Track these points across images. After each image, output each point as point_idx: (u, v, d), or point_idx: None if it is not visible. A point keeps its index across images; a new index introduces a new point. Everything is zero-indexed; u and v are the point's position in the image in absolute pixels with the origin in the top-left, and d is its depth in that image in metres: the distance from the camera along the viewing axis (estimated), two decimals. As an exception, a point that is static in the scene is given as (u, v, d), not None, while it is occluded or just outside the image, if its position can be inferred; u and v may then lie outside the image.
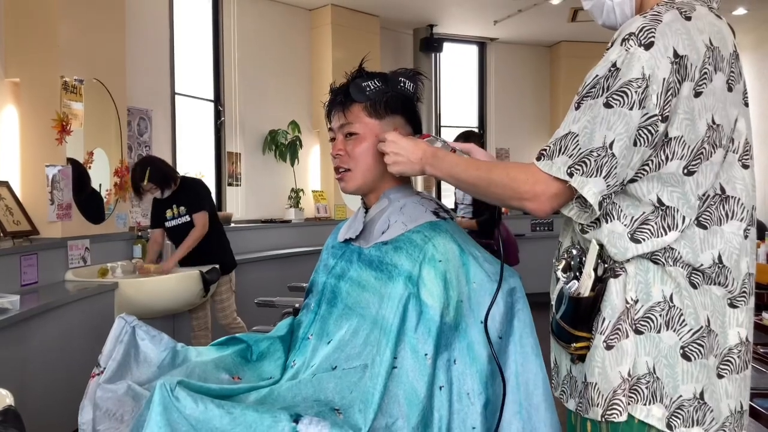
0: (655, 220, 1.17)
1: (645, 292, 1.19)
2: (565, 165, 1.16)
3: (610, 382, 1.19)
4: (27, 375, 2.87)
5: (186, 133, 5.37)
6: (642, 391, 1.18)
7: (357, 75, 1.55)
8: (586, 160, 1.14)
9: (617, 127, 1.12)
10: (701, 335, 1.18)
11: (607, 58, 1.16)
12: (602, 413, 1.20)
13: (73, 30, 3.73)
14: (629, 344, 1.19)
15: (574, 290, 1.21)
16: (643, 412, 1.18)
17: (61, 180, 3.60)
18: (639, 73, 1.11)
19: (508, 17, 6.92)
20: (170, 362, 1.53)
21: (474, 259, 1.47)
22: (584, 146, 1.14)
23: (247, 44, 5.88)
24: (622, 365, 1.18)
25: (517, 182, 1.22)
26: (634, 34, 1.14)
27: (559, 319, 1.25)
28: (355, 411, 1.32)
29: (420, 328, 1.37)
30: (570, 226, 1.33)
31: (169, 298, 3.82)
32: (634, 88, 1.11)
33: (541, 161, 1.20)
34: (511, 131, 8.08)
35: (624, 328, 1.19)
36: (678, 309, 1.18)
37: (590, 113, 1.15)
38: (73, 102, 3.69)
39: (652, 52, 1.12)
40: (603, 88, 1.14)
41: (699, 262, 1.18)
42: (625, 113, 1.12)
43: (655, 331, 1.18)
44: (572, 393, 1.29)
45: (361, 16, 6.70)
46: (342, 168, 1.56)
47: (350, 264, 1.55)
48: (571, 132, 1.16)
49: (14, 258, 3.22)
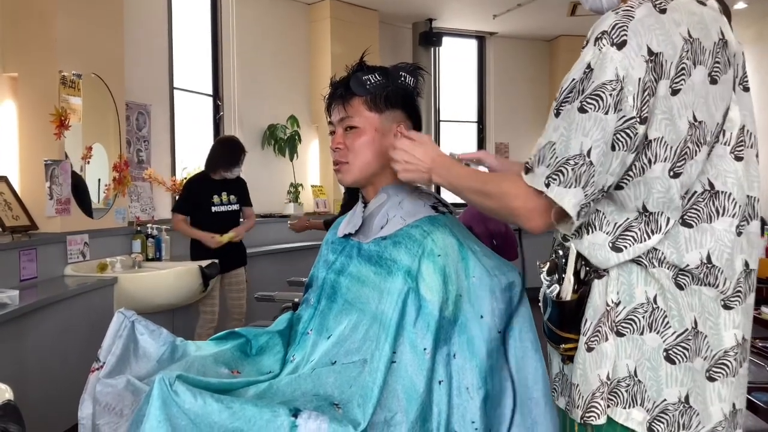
0: (638, 226, 1.14)
1: (628, 293, 1.16)
2: (543, 176, 1.12)
3: (590, 385, 1.17)
4: (26, 370, 2.87)
5: (185, 127, 5.36)
6: (621, 394, 1.16)
7: (358, 68, 1.55)
8: (562, 169, 1.10)
9: (593, 133, 1.07)
10: (686, 338, 1.14)
11: (582, 60, 1.11)
12: (581, 415, 1.18)
13: (72, 24, 3.72)
14: (609, 347, 1.16)
15: (555, 294, 1.19)
16: (622, 416, 1.16)
17: (59, 175, 3.60)
18: (612, 74, 1.06)
19: (507, 11, 6.90)
20: (169, 357, 1.53)
21: (473, 253, 1.47)
22: (561, 154, 1.10)
23: (245, 39, 5.86)
24: (602, 368, 1.16)
25: (509, 197, 1.19)
26: (606, 32, 1.08)
27: (546, 321, 1.24)
28: (354, 405, 1.32)
29: (419, 322, 1.38)
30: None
31: (168, 292, 3.83)
32: (609, 90, 1.06)
33: (527, 174, 1.16)
34: (510, 126, 8.07)
35: (603, 330, 1.16)
36: (662, 311, 1.14)
37: (567, 119, 1.10)
38: (71, 97, 3.68)
39: (625, 52, 1.06)
40: (579, 91, 1.10)
41: (684, 262, 1.13)
42: (600, 118, 1.07)
43: (638, 333, 1.15)
44: (563, 391, 1.28)
45: (360, 10, 6.68)
46: (340, 161, 1.56)
47: (350, 259, 1.55)
48: (550, 141, 1.13)
49: (13, 253, 3.22)
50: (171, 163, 5.09)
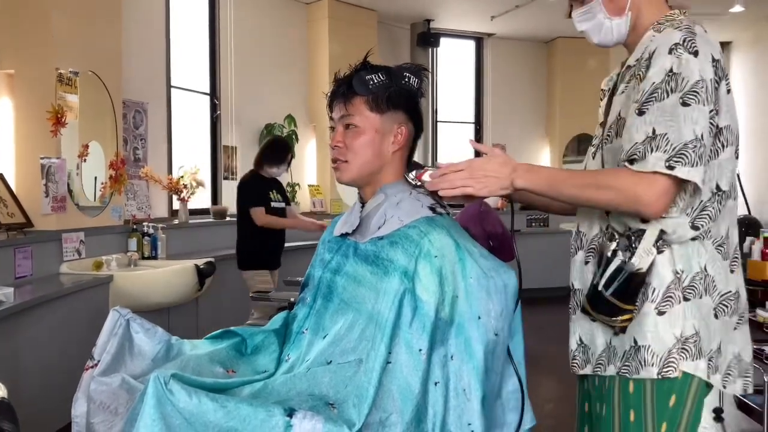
0: (712, 205, 1.36)
1: (687, 263, 1.37)
2: (661, 160, 1.28)
3: (665, 344, 1.36)
4: (21, 368, 2.87)
5: (182, 126, 5.36)
6: (690, 349, 1.36)
7: (361, 67, 1.55)
8: (684, 152, 1.27)
9: (700, 121, 1.28)
10: (728, 297, 1.40)
11: (660, 67, 1.31)
12: (658, 371, 1.36)
13: (69, 22, 3.71)
14: (680, 309, 1.36)
15: (637, 265, 1.33)
16: (691, 367, 1.36)
17: (55, 172, 3.59)
18: (698, 75, 1.29)
19: (505, 12, 6.91)
20: (164, 355, 1.53)
21: (470, 254, 1.47)
22: (676, 141, 1.27)
23: (243, 37, 5.86)
24: (675, 328, 1.36)
25: (629, 185, 1.31)
26: (679, 44, 1.31)
27: (609, 295, 1.36)
28: (350, 405, 1.32)
29: (415, 323, 1.37)
30: (594, 214, 1.46)
31: (164, 291, 3.82)
32: (700, 87, 1.28)
33: (635, 164, 1.30)
34: (508, 127, 8.08)
35: (677, 295, 1.36)
36: (711, 276, 1.38)
37: (665, 114, 1.29)
38: (68, 94, 3.68)
39: (700, 58, 1.30)
40: (666, 91, 1.29)
41: (720, 234, 1.39)
42: (701, 109, 1.28)
43: (698, 297, 1.37)
44: (611, 360, 1.43)
45: (358, 10, 6.68)
46: (339, 159, 1.56)
47: (346, 259, 1.55)
48: (651, 134, 1.29)
49: (8, 250, 3.21)
50: (167, 161, 5.09)
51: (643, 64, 1.37)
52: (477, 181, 1.40)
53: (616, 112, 1.44)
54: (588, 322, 1.47)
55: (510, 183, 1.40)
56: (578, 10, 1.54)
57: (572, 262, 1.53)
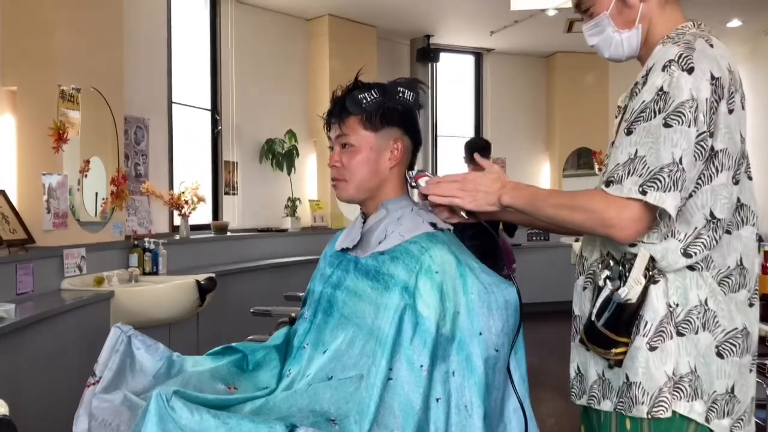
0: (707, 233, 1.29)
1: (683, 296, 1.30)
2: (636, 185, 1.23)
3: (656, 381, 1.28)
4: (22, 384, 2.86)
5: (183, 141, 5.37)
6: (685, 389, 1.29)
7: (353, 87, 1.56)
8: (659, 177, 1.21)
9: (681, 143, 1.21)
10: (735, 335, 1.30)
11: (652, 84, 1.26)
12: (648, 410, 1.28)
13: (71, 39, 3.73)
14: (672, 345, 1.29)
15: (624, 296, 1.27)
16: (686, 408, 1.29)
17: (57, 188, 3.60)
18: (688, 95, 1.22)
19: (504, 28, 6.94)
20: (166, 372, 1.53)
21: (471, 270, 1.47)
22: (653, 165, 1.22)
23: (244, 53, 5.89)
24: (667, 365, 1.28)
25: (601, 209, 1.27)
26: (674, 60, 1.25)
27: (601, 326, 1.31)
28: (351, 422, 1.32)
29: (416, 339, 1.37)
30: (597, 239, 1.40)
31: (165, 306, 3.81)
32: (687, 107, 1.21)
33: (611, 187, 1.26)
34: (508, 141, 8.09)
35: (669, 330, 1.29)
36: (713, 311, 1.30)
37: (650, 135, 1.23)
38: (70, 110, 3.69)
39: (694, 76, 1.23)
40: (654, 111, 1.24)
41: (726, 264, 1.31)
42: (684, 131, 1.21)
43: (693, 333, 1.29)
44: (607, 395, 1.36)
45: (358, 26, 6.72)
46: (338, 178, 1.57)
47: (347, 273, 1.55)
48: (633, 155, 1.24)
49: (10, 267, 3.21)
50: (169, 176, 5.10)
51: (641, 80, 1.33)
52: (467, 194, 1.43)
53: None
54: (584, 351, 1.42)
55: (497, 199, 1.42)
56: (588, 23, 1.48)
57: (574, 286, 1.49)
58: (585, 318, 1.39)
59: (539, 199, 1.38)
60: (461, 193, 1.44)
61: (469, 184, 1.43)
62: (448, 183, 1.46)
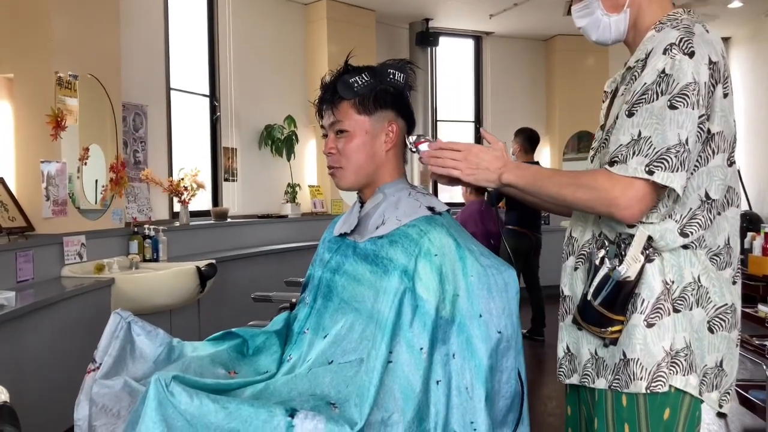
0: (702, 214, 1.32)
1: (679, 274, 1.33)
2: (642, 165, 1.25)
3: (654, 357, 1.31)
4: (22, 371, 2.87)
5: (181, 128, 5.35)
6: (681, 363, 1.32)
7: (344, 71, 1.54)
8: (666, 157, 1.24)
9: (687, 124, 1.24)
10: (725, 311, 1.35)
11: (653, 67, 1.28)
12: (647, 385, 1.31)
13: (67, 25, 3.71)
14: (669, 321, 1.32)
15: (624, 273, 1.29)
16: (683, 382, 1.32)
17: (56, 176, 3.59)
18: (691, 77, 1.25)
19: (503, 11, 6.91)
20: (166, 357, 1.53)
21: (470, 252, 1.47)
22: (659, 145, 1.24)
23: (242, 39, 5.86)
24: (665, 341, 1.31)
25: (606, 188, 1.28)
26: (675, 44, 1.27)
27: (598, 305, 1.32)
28: (351, 405, 1.32)
29: (415, 322, 1.37)
30: (589, 220, 1.43)
31: (165, 293, 3.82)
32: (691, 90, 1.24)
33: (615, 166, 1.28)
34: (508, 125, 8.05)
35: (666, 306, 1.32)
36: (705, 288, 1.34)
37: (653, 117, 1.25)
38: (67, 98, 3.68)
39: (695, 59, 1.26)
40: (656, 93, 1.26)
41: (716, 244, 1.35)
42: (689, 112, 1.24)
43: (688, 309, 1.33)
44: (601, 373, 1.38)
45: (357, 10, 6.68)
46: (334, 166, 1.56)
47: (346, 258, 1.55)
48: (636, 136, 1.26)
49: (10, 254, 3.21)
50: (168, 163, 5.08)
51: (640, 64, 1.34)
52: (468, 167, 1.43)
53: (615, 114, 1.40)
54: (575, 331, 1.44)
55: (498, 177, 1.41)
56: (577, 5, 1.50)
57: (563, 267, 1.51)
58: (577, 298, 1.42)
59: (541, 178, 1.39)
60: (462, 165, 1.43)
61: (472, 156, 1.42)
62: (449, 152, 1.44)
